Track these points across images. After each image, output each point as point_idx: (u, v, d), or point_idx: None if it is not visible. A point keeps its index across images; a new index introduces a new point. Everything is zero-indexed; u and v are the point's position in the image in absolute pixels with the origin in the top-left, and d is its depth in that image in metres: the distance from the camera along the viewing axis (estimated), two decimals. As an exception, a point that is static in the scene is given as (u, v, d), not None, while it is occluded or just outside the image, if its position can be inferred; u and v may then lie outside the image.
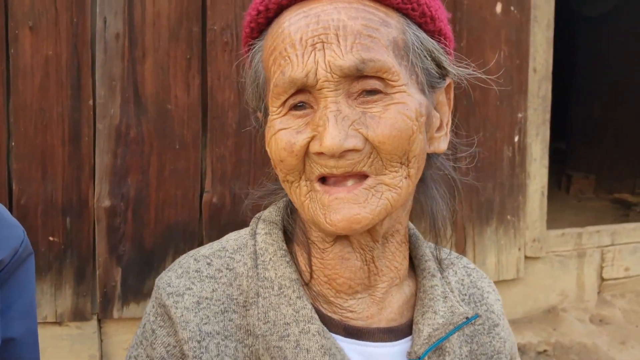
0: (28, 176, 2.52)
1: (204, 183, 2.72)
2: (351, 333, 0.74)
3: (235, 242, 0.78)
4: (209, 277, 0.74)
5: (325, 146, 0.65)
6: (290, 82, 0.67)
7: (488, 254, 3.27)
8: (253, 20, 0.74)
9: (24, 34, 2.46)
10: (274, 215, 0.79)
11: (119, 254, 2.63)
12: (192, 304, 0.72)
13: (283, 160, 0.69)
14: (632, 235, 3.76)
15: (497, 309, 0.85)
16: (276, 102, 0.69)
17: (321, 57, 0.66)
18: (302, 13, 0.68)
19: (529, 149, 3.32)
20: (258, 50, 0.74)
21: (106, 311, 2.63)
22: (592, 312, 3.53)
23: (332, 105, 0.66)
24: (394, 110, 0.67)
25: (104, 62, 2.56)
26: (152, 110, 2.62)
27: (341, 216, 0.67)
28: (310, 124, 0.68)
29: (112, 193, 2.60)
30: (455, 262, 0.85)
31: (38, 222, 2.53)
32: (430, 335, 0.74)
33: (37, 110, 2.50)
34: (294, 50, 0.67)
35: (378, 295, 0.76)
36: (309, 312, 0.71)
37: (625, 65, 6.05)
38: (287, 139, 0.68)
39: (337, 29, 0.66)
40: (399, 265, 0.77)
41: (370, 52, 0.66)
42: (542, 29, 3.33)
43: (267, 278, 0.73)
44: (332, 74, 0.66)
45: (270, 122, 0.70)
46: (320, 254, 0.75)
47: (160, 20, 2.59)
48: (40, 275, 2.54)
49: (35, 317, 0.93)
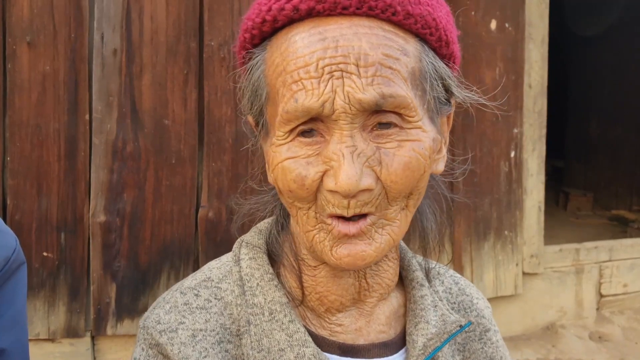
0: (23, 192, 2.50)
1: (200, 198, 2.71)
2: (346, 351, 0.73)
3: (219, 270, 0.75)
4: (199, 308, 0.71)
5: (340, 186, 0.62)
6: (303, 110, 0.63)
7: (485, 270, 3.26)
8: (256, 28, 0.68)
9: (21, 49, 2.47)
10: (256, 238, 0.76)
11: (114, 270, 2.60)
12: (187, 338, 0.69)
13: (292, 191, 0.65)
14: (629, 251, 3.76)
15: (488, 315, 0.84)
16: (285, 127, 0.65)
17: (339, 86, 0.62)
18: (317, 34, 0.63)
19: (525, 165, 3.33)
20: (259, 63, 0.69)
21: (100, 328, 2.59)
22: (591, 329, 3.51)
23: (347, 139, 0.62)
24: (408, 148, 0.64)
25: (101, 77, 2.56)
26: (149, 126, 2.62)
27: (347, 252, 0.65)
28: (321, 155, 0.64)
29: (107, 209, 2.59)
30: (442, 272, 0.84)
31: (32, 238, 2.51)
32: (425, 346, 0.73)
33: (33, 126, 2.50)
34: (308, 75, 0.62)
35: (366, 309, 0.75)
36: (302, 335, 0.70)
37: (620, 84, 6.10)
38: (297, 171, 0.64)
39: (358, 59, 0.62)
40: (389, 282, 0.76)
41: (391, 86, 0.62)
42: (537, 45, 3.36)
43: (257, 304, 0.71)
44: (350, 106, 0.62)
45: (276, 148, 0.66)
46: (312, 272, 0.73)
47: (158, 36, 2.61)
48: (34, 292, 2.51)
49: (26, 328, 0.91)
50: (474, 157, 3.15)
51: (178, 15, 2.63)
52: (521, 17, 3.27)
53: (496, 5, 3.21)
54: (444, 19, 0.69)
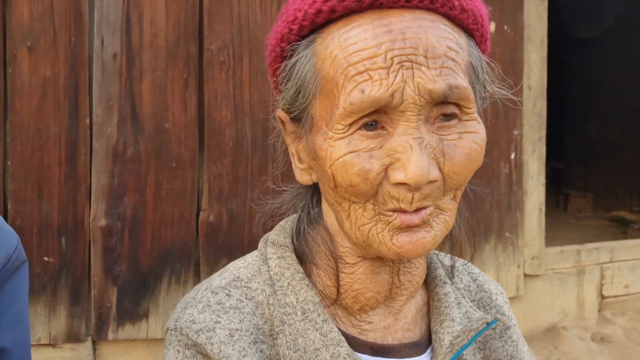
0: (24, 196, 2.50)
1: (200, 201, 2.71)
2: (378, 351, 0.73)
3: (247, 270, 0.74)
4: (232, 308, 0.70)
5: (412, 177, 0.61)
6: (371, 101, 0.61)
7: (487, 271, 3.25)
8: (307, 19, 0.65)
9: (22, 54, 2.48)
10: (282, 237, 0.75)
11: (115, 274, 2.60)
12: (226, 337, 0.67)
13: (354, 186, 0.63)
14: (631, 252, 3.75)
15: (507, 311, 0.84)
16: (346, 120, 0.63)
17: (410, 77, 0.61)
18: (383, 27, 0.62)
19: (525, 166, 3.33)
20: (308, 55, 0.66)
21: (101, 333, 2.59)
22: (593, 330, 3.50)
23: (414, 131, 0.62)
24: (469, 140, 0.65)
25: (102, 81, 2.57)
26: (149, 129, 2.62)
27: (409, 239, 0.65)
28: (384, 148, 0.63)
29: (108, 213, 2.59)
30: (460, 269, 0.84)
31: (33, 242, 2.50)
32: (452, 344, 0.73)
33: (33, 130, 2.50)
34: (376, 66, 0.61)
35: (395, 307, 0.75)
36: (336, 335, 0.69)
37: (619, 86, 6.12)
38: (361, 165, 0.63)
39: (427, 51, 0.62)
40: (419, 279, 0.75)
41: (456, 78, 0.63)
42: (536, 47, 3.36)
43: (289, 304, 0.70)
44: (420, 97, 0.62)
45: (334, 142, 0.64)
46: (350, 269, 0.72)
47: (158, 40, 2.62)
48: (35, 296, 2.51)
49: (27, 326, 0.91)
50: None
51: (178, 19, 2.64)
52: (520, 19, 3.28)
53: (495, 8, 3.22)
54: (486, 17, 0.71)
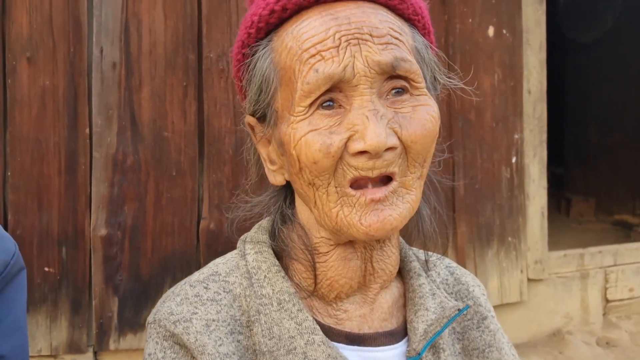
0: (24, 207, 2.50)
1: (201, 210, 2.70)
2: (354, 340, 0.75)
3: (226, 265, 0.77)
4: (210, 300, 0.73)
5: (369, 144, 0.65)
6: (325, 78, 0.66)
7: (490, 277, 3.23)
8: (263, 20, 0.71)
9: (21, 65, 2.48)
10: (260, 235, 0.79)
11: (116, 283, 2.59)
12: (202, 327, 0.70)
13: (317, 162, 0.67)
14: (634, 255, 3.73)
15: (484, 302, 0.86)
16: (305, 101, 0.67)
17: (358, 52, 0.66)
18: (329, 15, 0.68)
19: (527, 170, 3.32)
20: (266, 53, 0.71)
21: (102, 343, 2.57)
22: (598, 334, 3.47)
23: (368, 103, 0.66)
24: (423, 111, 0.69)
25: (101, 91, 2.57)
26: (149, 138, 2.62)
27: (376, 218, 0.67)
28: (342, 124, 0.67)
29: (108, 222, 2.58)
30: (437, 263, 0.86)
31: (34, 252, 2.50)
32: (426, 331, 0.75)
33: (33, 141, 2.50)
34: (326, 47, 0.67)
35: (370, 296, 0.77)
36: (311, 323, 0.71)
37: (618, 89, 6.12)
38: (321, 140, 0.66)
39: (371, 30, 0.68)
40: (392, 268, 0.77)
41: (402, 52, 0.68)
42: (535, 51, 3.37)
43: (265, 295, 0.73)
44: (369, 69, 0.66)
45: (296, 125, 0.68)
46: (324, 258, 0.74)
47: (157, 49, 2.62)
48: (35, 307, 2.50)
49: (25, 333, 0.90)
50: (474, 163, 3.15)
51: (176, 28, 2.64)
52: (518, 23, 3.28)
53: (493, 12, 3.22)
54: (425, 10, 0.76)
